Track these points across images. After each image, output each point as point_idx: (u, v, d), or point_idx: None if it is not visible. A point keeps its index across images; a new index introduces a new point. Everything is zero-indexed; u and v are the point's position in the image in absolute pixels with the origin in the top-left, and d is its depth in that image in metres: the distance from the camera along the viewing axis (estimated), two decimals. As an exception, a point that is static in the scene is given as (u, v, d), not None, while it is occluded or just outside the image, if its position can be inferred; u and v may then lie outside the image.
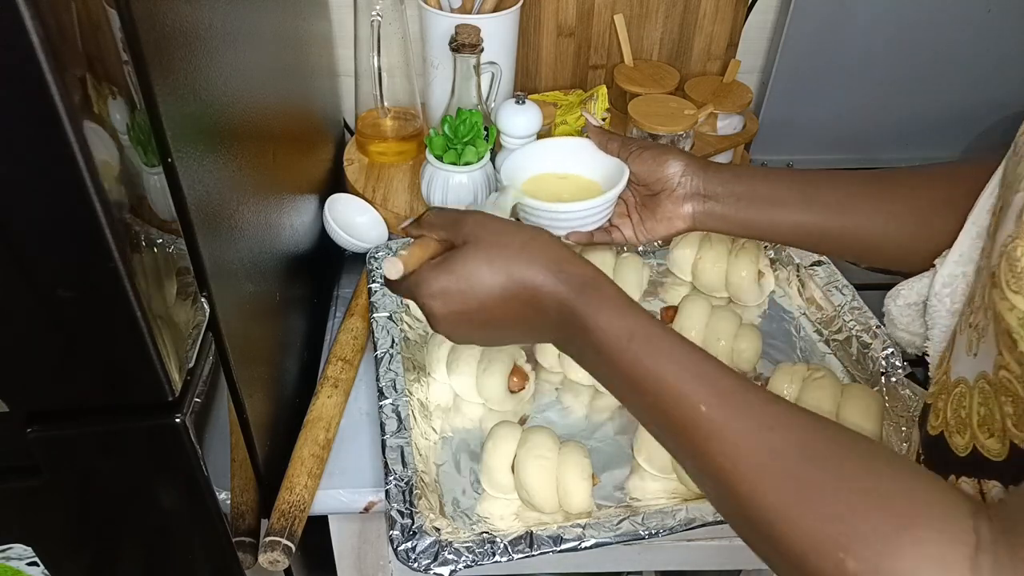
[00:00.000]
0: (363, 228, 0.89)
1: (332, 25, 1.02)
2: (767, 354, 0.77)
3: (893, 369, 0.72)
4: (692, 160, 0.67)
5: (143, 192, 0.43)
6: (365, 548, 0.76)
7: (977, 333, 0.44)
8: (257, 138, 0.62)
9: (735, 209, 0.66)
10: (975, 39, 1.06)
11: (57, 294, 0.41)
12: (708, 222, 0.67)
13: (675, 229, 0.68)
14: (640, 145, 0.70)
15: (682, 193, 0.67)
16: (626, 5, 1.01)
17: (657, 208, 0.68)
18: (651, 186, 0.68)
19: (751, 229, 0.66)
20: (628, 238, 0.71)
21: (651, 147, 0.69)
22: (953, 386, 0.46)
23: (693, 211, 0.67)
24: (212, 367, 0.52)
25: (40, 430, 0.47)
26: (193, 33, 0.47)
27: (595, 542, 0.59)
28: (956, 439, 0.45)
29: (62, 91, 0.34)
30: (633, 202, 0.71)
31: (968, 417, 0.44)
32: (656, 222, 0.69)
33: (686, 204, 0.67)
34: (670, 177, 0.67)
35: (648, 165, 0.68)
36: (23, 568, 0.56)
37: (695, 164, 0.67)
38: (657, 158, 0.68)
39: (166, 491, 0.53)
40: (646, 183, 0.68)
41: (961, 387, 0.45)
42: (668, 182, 0.67)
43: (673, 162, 0.67)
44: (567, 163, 0.73)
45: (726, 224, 0.67)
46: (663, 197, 0.68)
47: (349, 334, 0.77)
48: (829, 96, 1.11)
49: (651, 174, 0.68)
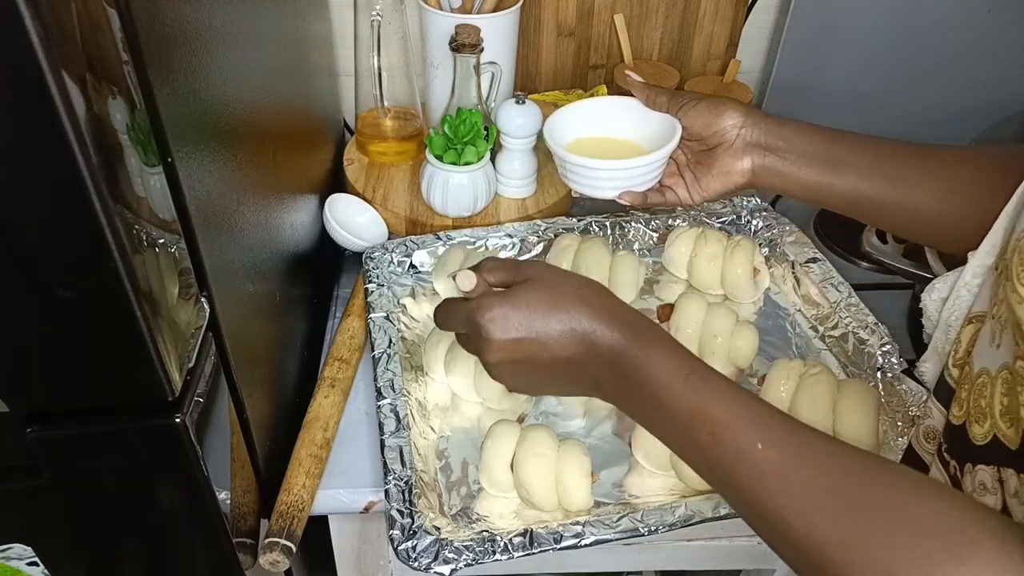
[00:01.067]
0: (363, 227, 0.89)
1: (332, 25, 1.02)
2: (763, 351, 0.77)
3: (890, 365, 0.72)
4: (752, 110, 0.65)
5: (143, 192, 0.43)
6: (365, 548, 0.76)
7: (1000, 324, 0.45)
8: (257, 138, 0.62)
9: (796, 167, 0.63)
10: (975, 39, 1.06)
11: (57, 294, 0.41)
12: (766, 177, 0.65)
13: (732, 184, 0.66)
14: (692, 97, 0.67)
15: (741, 145, 0.64)
16: (626, 5, 1.01)
17: (714, 163, 0.66)
18: (707, 140, 0.66)
19: (807, 189, 0.64)
20: (683, 198, 0.69)
21: (704, 99, 0.66)
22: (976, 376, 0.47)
23: (752, 164, 0.65)
24: (212, 367, 0.52)
25: (40, 430, 0.47)
26: (193, 33, 0.47)
27: (595, 539, 0.59)
28: (975, 428, 0.46)
29: (62, 91, 0.34)
30: (685, 160, 0.69)
31: (989, 407, 0.44)
32: (712, 177, 0.66)
33: (745, 157, 0.65)
34: (728, 129, 0.64)
35: (703, 117, 0.65)
36: (23, 568, 0.56)
37: (755, 115, 0.65)
38: (713, 109, 0.65)
39: (166, 491, 0.53)
40: (701, 136, 0.66)
41: (983, 377, 0.46)
42: (726, 134, 0.65)
43: (731, 112, 0.64)
44: (612, 125, 0.71)
45: (783, 181, 0.65)
46: (720, 151, 0.65)
47: (346, 334, 0.77)
48: (829, 96, 1.11)
49: (707, 127, 0.65)
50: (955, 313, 0.57)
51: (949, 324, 0.58)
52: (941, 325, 0.59)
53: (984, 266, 0.53)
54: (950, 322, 0.58)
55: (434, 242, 0.85)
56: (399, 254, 0.85)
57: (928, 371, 0.63)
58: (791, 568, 0.44)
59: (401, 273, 0.84)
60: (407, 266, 0.85)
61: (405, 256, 0.85)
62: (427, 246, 0.85)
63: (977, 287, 0.54)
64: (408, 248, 0.85)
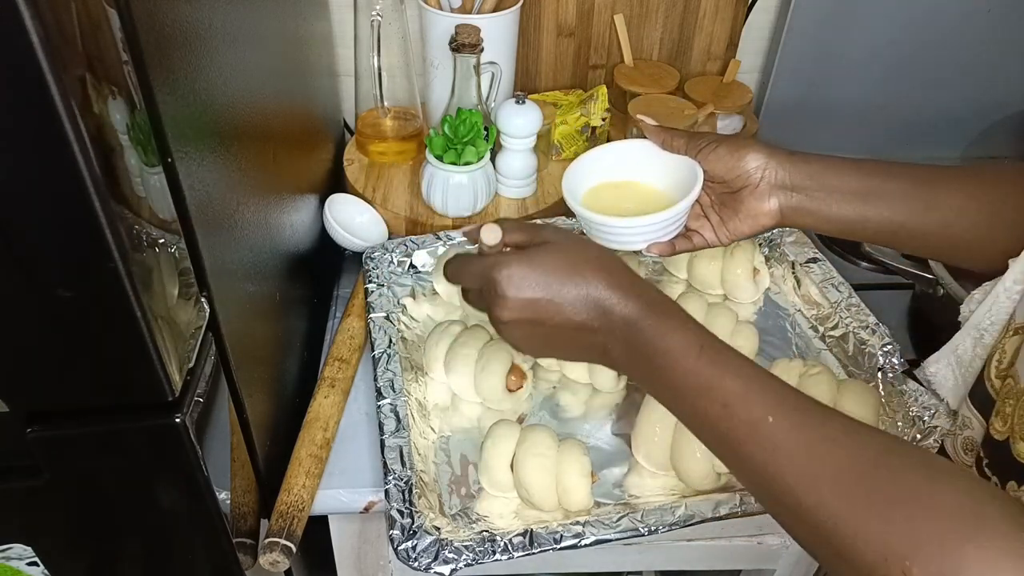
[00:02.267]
0: (363, 227, 0.89)
1: (332, 25, 1.02)
2: (763, 351, 0.77)
3: (891, 365, 0.72)
4: (774, 151, 0.63)
5: (143, 192, 0.43)
6: (365, 548, 0.76)
7: None
8: (257, 138, 0.62)
9: (826, 203, 0.62)
10: (975, 39, 1.06)
11: (57, 294, 0.41)
12: (795, 217, 0.63)
13: (761, 226, 0.65)
14: (711, 139, 0.65)
15: (766, 187, 0.63)
16: (626, 5, 1.01)
17: (740, 206, 0.64)
18: (731, 183, 0.64)
19: (843, 226, 0.63)
20: (710, 241, 0.68)
21: (725, 140, 0.65)
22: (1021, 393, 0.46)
23: (780, 206, 0.63)
24: (212, 367, 0.52)
25: (40, 430, 0.47)
26: (193, 33, 0.47)
27: (595, 539, 0.59)
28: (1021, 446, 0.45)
29: (62, 91, 0.34)
30: (709, 202, 0.67)
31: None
32: (739, 221, 0.65)
33: (772, 199, 0.63)
34: (752, 172, 0.63)
35: (725, 161, 0.64)
36: (23, 568, 0.56)
37: (778, 154, 0.63)
38: (735, 152, 0.63)
39: (166, 491, 0.53)
40: (724, 180, 0.64)
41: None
42: (750, 177, 0.63)
43: (753, 155, 0.63)
44: (630, 169, 0.69)
45: (814, 219, 0.63)
46: (745, 194, 0.63)
47: (346, 334, 0.77)
48: (829, 96, 1.11)
49: (730, 171, 0.64)
50: (991, 318, 0.56)
51: (982, 329, 0.57)
52: (968, 328, 0.58)
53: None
54: (983, 326, 0.56)
55: (434, 242, 0.85)
56: (399, 254, 0.85)
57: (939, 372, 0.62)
58: (800, 544, 0.44)
59: (401, 273, 0.84)
60: (407, 266, 0.85)
61: (405, 256, 0.85)
62: (427, 246, 0.85)
63: (1018, 294, 0.53)
64: (408, 248, 0.85)
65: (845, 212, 0.62)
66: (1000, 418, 0.48)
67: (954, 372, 0.61)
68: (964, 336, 0.58)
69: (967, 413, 0.54)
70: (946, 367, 0.61)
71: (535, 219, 0.88)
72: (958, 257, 0.63)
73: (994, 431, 0.48)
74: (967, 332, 0.58)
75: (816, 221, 0.63)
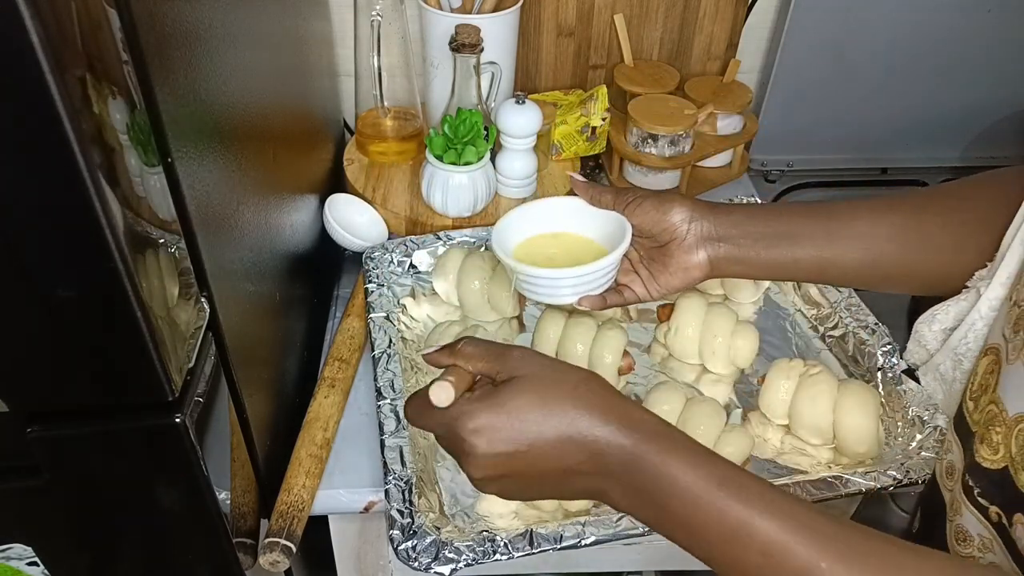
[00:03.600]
0: (363, 227, 0.89)
1: (332, 25, 1.02)
2: (763, 350, 0.77)
3: (891, 365, 0.73)
4: (697, 204, 0.63)
5: (143, 192, 0.43)
6: (365, 548, 0.76)
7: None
8: (257, 138, 0.62)
9: (754, 250, 0.62)
10: (975, 39, 1.07)
11: (57, 294, 0.41)
12: (726, 267, 0.63)
13: (692, 279, 0.64)
14: (636, 195, 0.65)
15: (693, 240, 0.62)
16: (626, 5, 1.01)
17: (669, 260, 0.64)
18: (657, 237, 0.64)
19: (774, 270, 0.63)
20: (640, 295, 0.66)
21: (649, 196, 0.64)
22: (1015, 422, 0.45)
23: (708, 257, 0.63)
24: (212, 367, 0.52)
25: (40, 430, 0.47)
26: (193, 33, 0.47)
27: (595, 539, 0.59)
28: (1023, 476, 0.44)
29: (62, 91, 0.34)
30: (638, 257, 0.67)
31: None
32: (670, 275, 0.64)
33: (699, 251, 0.63)
34: (677, 224, 0.62)
35: (651, 215, 0.63)
36: (23, 568, 0.56)
37: (701, 207, 0.63)
38: (659, 207, 0.63)
39: (166, 491, 0.53)
40: (651, 234, 0.64)
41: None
42: (676, 230, 0.62)
43: (678, 208, 0.62)
44: (560, 223, 0.70)
45: (746, 267, 0.63)
46: (673, 247, 0.63)
47: (346, 334, 0.77)
48: (829, 96, 1.11)
49: (655, 224, 0.63)
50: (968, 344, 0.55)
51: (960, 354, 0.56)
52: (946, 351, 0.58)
53: (999, 298, 0.52)
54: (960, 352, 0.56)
55: (434, 242, 0.85)
56: (399, 254, 0.85)
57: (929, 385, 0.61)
58: None
59: (401, 273, 0.84)
60: (407, 266, 0.85)
61: (405, 256, 0.85)
62: (427, 246, 0.85)
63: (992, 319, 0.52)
64: (408, 248, 0.85)
65: (774, 255, 0.61)
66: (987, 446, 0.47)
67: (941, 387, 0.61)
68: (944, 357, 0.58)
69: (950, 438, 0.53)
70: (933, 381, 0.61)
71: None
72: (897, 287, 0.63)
73: (980, 458, 0.47)
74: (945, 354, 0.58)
75: (747, 269, 0.63)
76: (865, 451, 0.67)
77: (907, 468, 0.64)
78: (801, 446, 0.70)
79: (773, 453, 0.69)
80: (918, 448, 0.66)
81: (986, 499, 0.47)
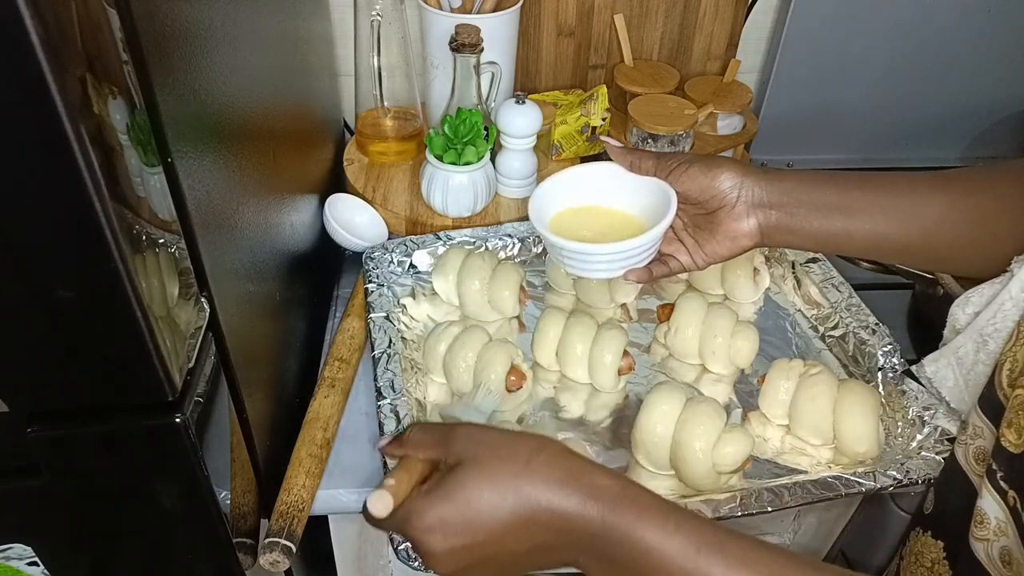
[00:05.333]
0: (363, 227, 0.89)
1: (332, 25, 1.02)
2: (763, 351, 0.77)
3: (891, 365, 0.73)
4: (749, 169, 0.60)
5: (143, 192, 0.43)
6: (365, 548, 0.76)
7: None
8: (257, 138, 0.62)
9: (807, 220, 0.59)
10: (975, 39, 1.07)
11: (57, 294, 0.41)
12: (776, 236, 0.60)
13: (740, 247, 0.61)
14: (681, 159, 0.61)
15: (743, 207, 0.60)
16: (626, 5, 1.01)
17: (716, 228, 0.61)
18: (705, 204, 0.61)
19: (825, 242, 0.60)
20: (686, 264, 0.64)
21: (696, 160, 0.61)
22: None
23: (759, 225, 0.60)
24: (212, 367, 0.52)
25: (40, 430, 0.47)
26: (193, 33, 0.47)
27: (595, 542, 0.59)
28: None
29: (62, 91, 0.34)
30: (682, 224, 0.64)
31: None
32: (717, 243, 0.61)
33: (750, 218, 0.60)
34: (727, 191, 0.59)
35: (698, 181, 0.60)
36: (23, 568, 0.56)
37: (752, 172, 0.60)
38: (707, 172, 0.60)
39: (166, 491, 0.53)
40: (698, 201, 0.61)
41: None
42: (725, 197, 0.60)
43: (727, 174, 0.60)
44: (598, 193, 0.67)
45: (796, 237, 0.60)
46: (722, 215, 0.60)
47: (346, 334, 0.77)
48: (829, 96, 1.11)
49: (703, 191, 0.60)
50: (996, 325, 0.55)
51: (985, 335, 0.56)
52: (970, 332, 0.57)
53: None
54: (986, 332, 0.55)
55: (434, 242, 0.85)
56: (399, 254, 0.85)
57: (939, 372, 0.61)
58: None
59: (401, 273, 0.84)
60: (407, 266, 0.85)
61: (405, 256, 0.85)
62: (427, 246, 0.85)
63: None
64: (408, 248, 0.85)
65: (827, 227, 0.59)
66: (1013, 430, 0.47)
67: (954, 372, 0.60)
68: (966, 339, 0.58)
69: (977, 422, 0.52)
70: (946, 367, 0.61)
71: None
72: (944, 266, 0.62)
73: (1006, 442, 0.47)
74: (968, 336, 0.57)
75: (798, 239, 0.61)
76: (865, 451, 0.67)
77: (907, 468, 0.64)
78: (801, 446, 0.70)
79: (773, 453, 0.69)
80: (918, 448, 0.66)
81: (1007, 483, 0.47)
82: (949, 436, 0.65)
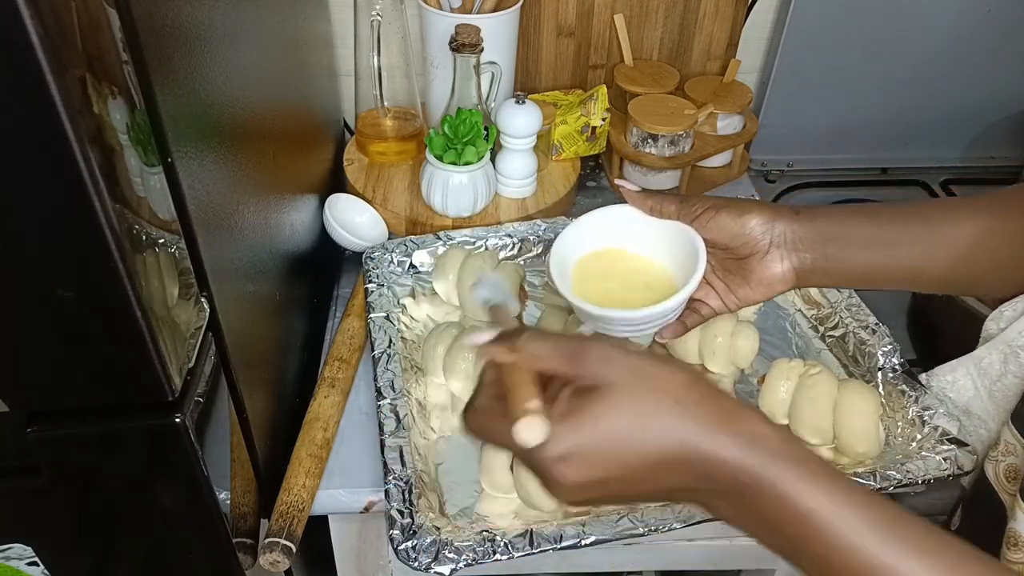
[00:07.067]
0: (363, 227, 0.89)
1: (332, 25, 1.02)
2: (763, 350, 0.77)
3: (891, 365, 0.72)
4: (778, 210, 0.58)
5: (143, 192, 0.43)
6: (365, 548, 0.76)
7: None
8: (257, 138, 0.62)
9: (841, 260, 0.57)
10: (975, 39, 1.07)
11: (57, 294, 0.41)
12: (812, 278, 0.58)
13: (774, 292, 0.59)
14: (707, 204, 0.59)
15: (777, 252, 0.57)
16: (626, 5, 1.01)
17: (749, 274, 0.59)
18: (735, 251, 0.58)
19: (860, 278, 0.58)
20: (717, 309, 0.62)
21: (724, 206, 0.58)
22: None
23: (793, 269, 0.58)
24: (212, 367, 0.52)
25: (40, 430, 0.47)
26: (193, 33, 0.47)
27: (595, 539, 0.59)
28: None
29: (62, 91, 0.34)
30: (711, 268, 0.61)
31: None
32: (750, 288, 0.59)
33: (783, 262, 0.57)
34: (758, 237, 0.57)
35: (728, 228, 0.58)
36: (23, 568, 0.56)
37: (784, 215, 0.57)
38: (736, 218, 0.57)
39: (166, 491, 0.53)
40: (728, 247, 0.59)
41: None
42: (757, 243, 0.57)
43: (757, 218, 0.57)
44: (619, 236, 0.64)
45: (832, 278, 0.58)
46: (754, 262, 0.58)
47: (345, 334, 0.77)
48: (829, 96, 1.11)
49: (734, 238, 0.58)
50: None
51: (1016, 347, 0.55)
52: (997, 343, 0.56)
53: None
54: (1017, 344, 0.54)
55: (434, 242, 0.85)
56: (399, 254, 0.85)
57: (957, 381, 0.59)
58: None
59: (401, 273, 0.84)
60: (407, 266, 0.85)
61: (405, 256, 0.85)
62: (427, 246, 0.85)
63: None
64: (408, 248, 0.85)
65: (864, 264, 0.57)
66: None
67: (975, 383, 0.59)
68: (991, 350, 0.56)
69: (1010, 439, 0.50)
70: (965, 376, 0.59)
71: (535, 219, 0.88)
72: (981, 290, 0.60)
73: None
74: (995, 346, 0.56)
75: (835, 280, 0.59)
76: (865, 451, 0.67)
77: (907, 468, 0.64)
78: (801, 446, 0.70)
79: (773, 453, 0.69)
80: (918, 448, 0.66)
81: None
82: (949, 436, 0.65)
